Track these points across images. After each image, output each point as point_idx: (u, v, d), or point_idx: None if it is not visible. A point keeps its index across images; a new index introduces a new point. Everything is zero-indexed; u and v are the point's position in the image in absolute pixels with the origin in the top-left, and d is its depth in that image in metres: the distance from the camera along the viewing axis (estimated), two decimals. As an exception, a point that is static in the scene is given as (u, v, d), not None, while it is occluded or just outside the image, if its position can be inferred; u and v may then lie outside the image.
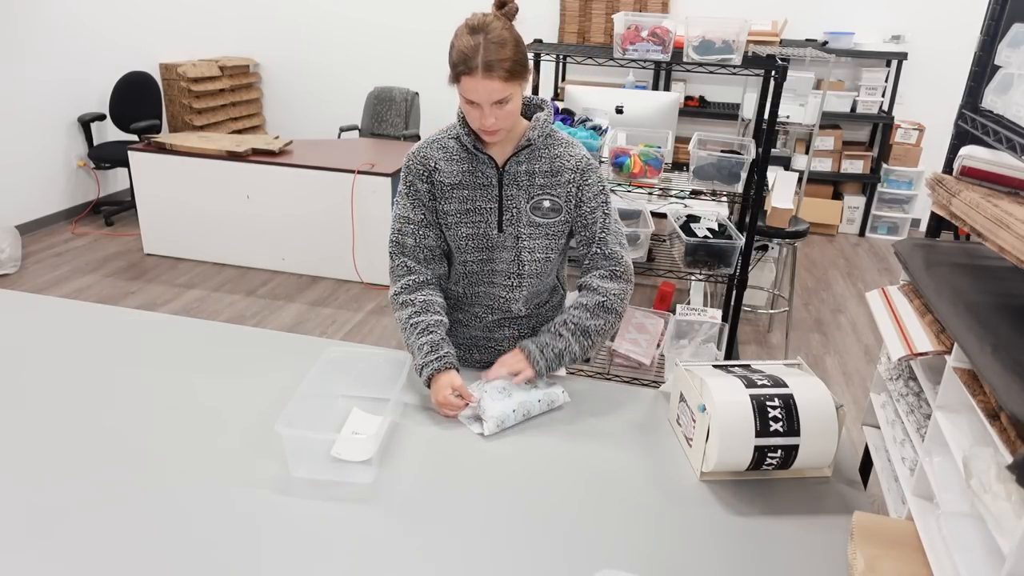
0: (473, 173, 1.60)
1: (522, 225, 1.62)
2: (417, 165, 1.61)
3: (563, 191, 1.61)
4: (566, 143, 1.63)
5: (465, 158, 1.60)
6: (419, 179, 1.62)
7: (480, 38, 1.42)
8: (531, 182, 1.60)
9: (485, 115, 1.47)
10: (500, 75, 1.42)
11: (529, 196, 1.61)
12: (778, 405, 1.32)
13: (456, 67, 1.45)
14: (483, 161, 1.59)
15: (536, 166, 1.60)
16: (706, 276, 2.84)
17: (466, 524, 1.24)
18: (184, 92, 5.77)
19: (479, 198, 1.60)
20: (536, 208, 1.61)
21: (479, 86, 1.43)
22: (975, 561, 1.06)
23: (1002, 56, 1.61)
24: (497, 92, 1.43)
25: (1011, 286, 1.39)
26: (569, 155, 1.62)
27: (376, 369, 1.57)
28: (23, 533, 1.17)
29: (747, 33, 2.56)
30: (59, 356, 1.70)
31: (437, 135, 1.64)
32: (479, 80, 1.42)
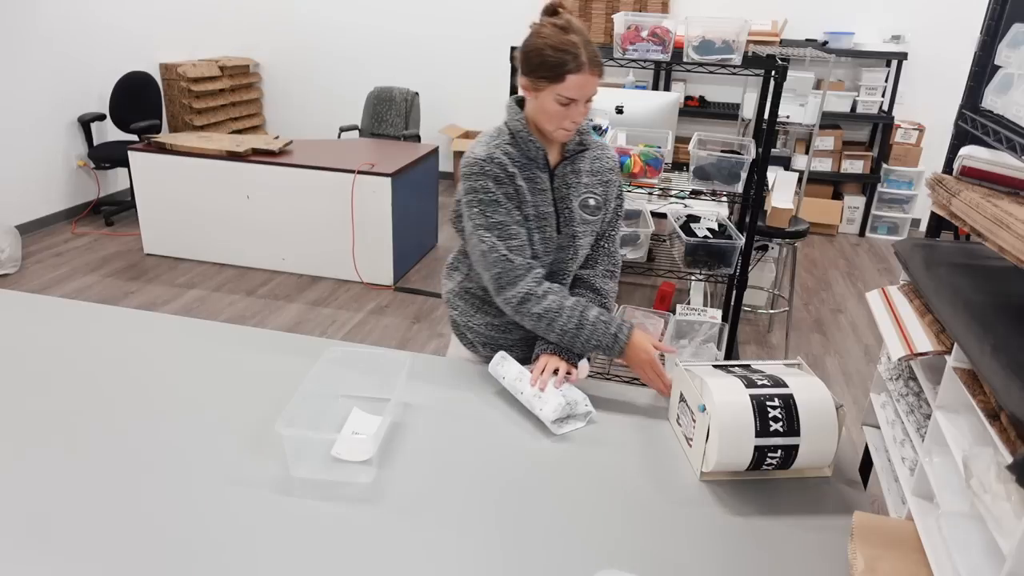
0: (533, 179, 1.61)
1: (576, 224, 1.65)
2: (498, 171, 1.56)
3: (604, 190, 1.68)
4: (601, 144, 1.70)
5: (525, 164, 1.60)
6: (501, 184, 1.57)
7: (576, 37, 1.45)
8: (578, 181, 1.65)
9: (580, 111, 1.50)
10: (599, 70, 1.48)
11: (579, 194, 1.65)
12: (778, 405, 1.32)
13: (561, 66, 1.45)
14: (539, 166, 1.61)
15: (580, 166, 1.65)
16: (706, 276, 2.84)
17: (466, 524, 1.24)
18: (184, 92, 5.78)
19: (541, 203, 1.62)
20: (585, 206, 1.65)
21: (587, 82, 1.46)
22: (975, 561, 1.06)
23: (1002, 56, 1.61)
24: (595, 87, 1.49)
25: (1011, 286, 1.38)
26: (607, 156, 1.70)
27: (376, 369, 1.57)
28: (23, 533, 1.17)
29: (747, 33, 2.55)
30: (59, 356, 1.70)
31: (494, 139, 1.59)
32: (587, 76, 1.46)
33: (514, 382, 1.58)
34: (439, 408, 1.57)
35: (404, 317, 3.96)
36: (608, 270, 1.73)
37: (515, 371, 1.59)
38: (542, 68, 1.47)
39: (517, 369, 1.60)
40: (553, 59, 1.45)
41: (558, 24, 1.47)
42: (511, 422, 1.53)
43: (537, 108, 1.53)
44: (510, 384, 1.59)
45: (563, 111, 1.49)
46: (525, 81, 1.52)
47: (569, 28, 1.46)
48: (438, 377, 1.68)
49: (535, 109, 1.54)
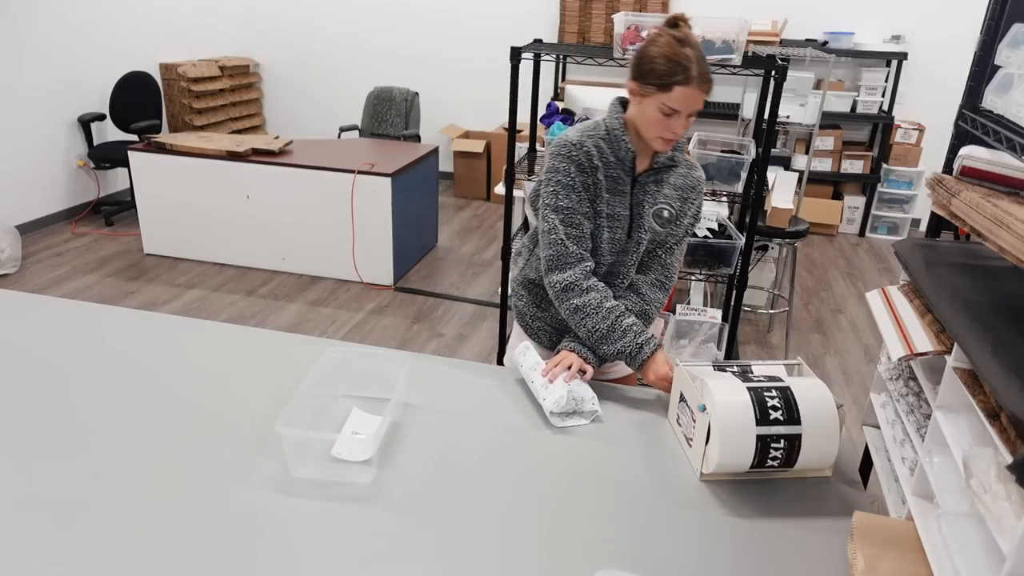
0: (615, 179, 1.62)
1: (643, 231, 1.66)
2: (583, 157, 1.59)
3: (682, 205, 1.68)
4: (691, 163, 1.70)
5: (611, 163, 1.61)
6: (583, 172, 1.60)
7: (691, 51, 1.46)
8: (658, 190, 1.66)
9: (680, 124, 1.51)
10: (709, 86, 1.49)
11: (654, 203, 1.65)
12: (776, 395, 1.33)
13: (671, 76, 1.46)
14: (625, 168, 1.62)
15: (664, 177, 1.66)
16: (706, 276, 2.84)
17: (466, 524, 1.24)
18: (184, 92, 5.78)
19: (617, 204, 1.63)
20: (657, 216, 1.66)
21: (693, 96, 1.48)
22: (975, 561, 1.06)
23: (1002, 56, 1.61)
24: (701, 103, 1.50)
25: (1011, 286, 1.38)
26: (694, 176, 1.69)
27: (376, 369, 1.57)
28: (23, 532, 1.17)
29: (747, 33, 2.55)
30: (59, 356, 1.70)
31: (589, 130, 1.63)
32: (694, 90, 1.47)
33: (528, 371, 1.63)
34: (439, 408, 1.57)
35: (404, 317, 3.96)
36: (659, 280, 1.72)
37: (532, 361, 1.63)
38: (652, 75, 1.48)
39: (534, 360, 1.63)
40: (664, 69, 1.47)
41: (676, 36, 1.48)
42: (511, 422, 1.53)
43: (639, 113, 1.54)
44: (525, 373, 1.64)
45: (664, 121, 1.51)
46: (633, 85, 1.54)
47: (685, 41, 1.47)
48: (438, 377, 1.69)
49: (637, 113, 1.55)
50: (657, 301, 1.72)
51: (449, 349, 3.62)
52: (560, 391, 1.53)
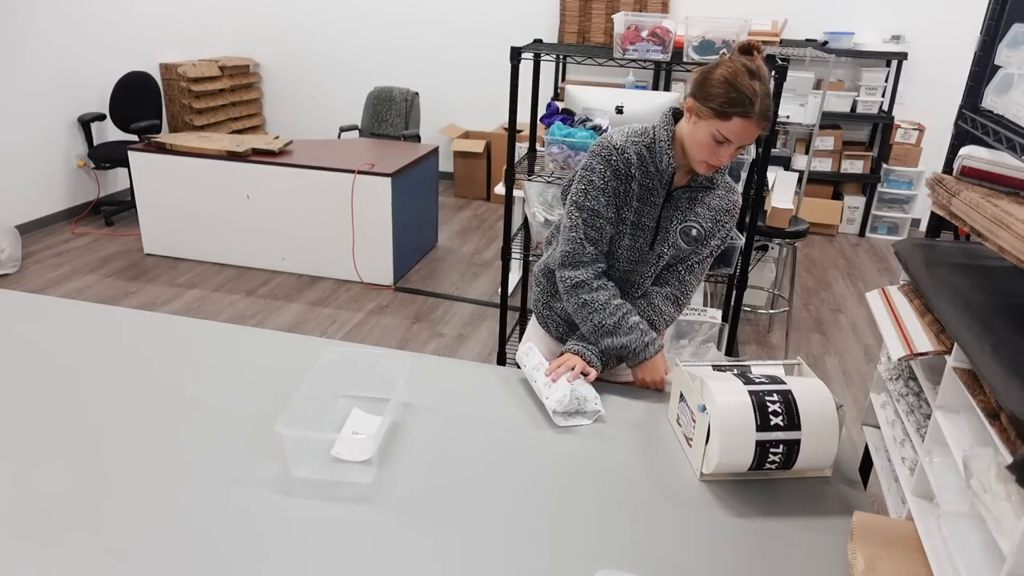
0: (649, 189, 1.61)
1: (667, 245, 1.65)
2: (621, 164, 1.59)
3: (714, 226, 1.65)
4: (731, 187, 1.67)
5: (648, 172, 1.60)
6: (618, 178, 1.60)
7: (759, 85, 1.43)
8: (690, 208, 1.64)
9: (729, 153, 1.49)
10: (766, 125, 1.46)
11: (683, 219, 1.63)
12: (777, 400, 1.33)
13: (732, 106, 1.43)
14: (661, 180, 1.60)
15: (700, 196, 1.64)
16: (706, 276, 2.84)
17: (466, 524, 1.24)
18: (184, 92, 5.78)
19: (644, 214, 1.63)
20: (685, 233, 1.64)
21: (750, 130, 1.45)
22: (975, 561, 1.06)
23: (1002, 56, 1.61)
24: (754, 138, 1.47)
25: (1011, 286, 1.38)
26: (731, 200, 1.66)
27: (376, 369, 1.57)
28: (23, 532, 1.17)
29: (747, 33, 2.55)
30: (59, 356, 1.70)
31: (635, 136, 1.61)
32: (752, 125, 1.44)
33: (532, 371, 1.63)
34: (439, 408, 1.57)
35: (404, 317, 3.96)
36: (674, 295, 1.71)
37: (535, 361, 1.64)
38: (714, 100, 1.44)
39: (538, 360, 1.64)
40: (728, 97, 1.43)
41: (748, 66, 1.44)
42: (511, 422, 1.53)
43: (691, 132, 1.51)
44: (528, 372, 1.65)
45: (713, 147, 1.48)
46: (692, 103, 1.50)
47: (756, 74, 1.44)
48: (438, 377, 1.69)
49: (688, 132, 1.52)
50: (667, 315, 1.71)
51: (449, 349, 3.62)
52: (563, 390, 1.53)
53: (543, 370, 1.61)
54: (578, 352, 1.65)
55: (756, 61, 1.46)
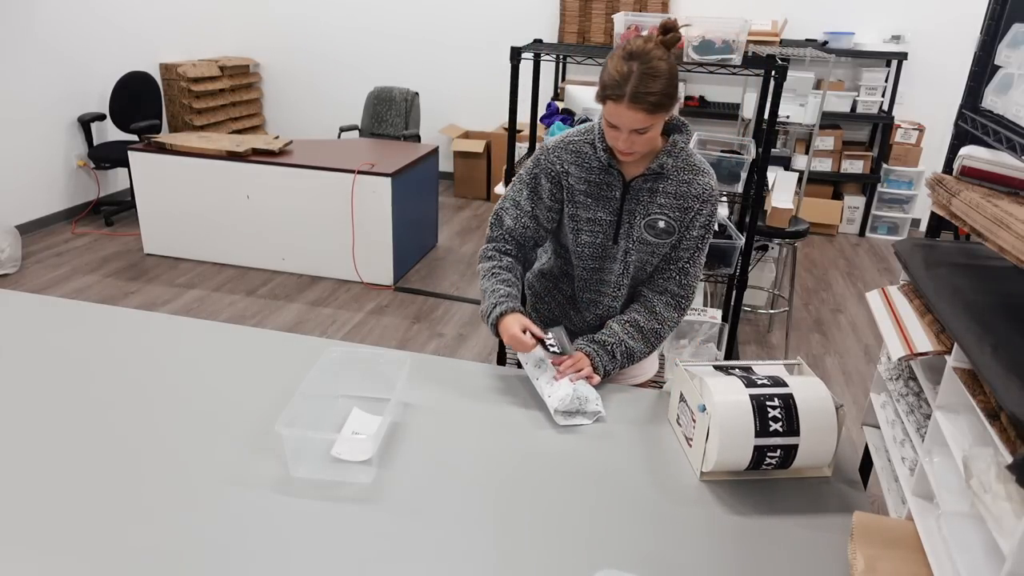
0: (600, 184, 1.61)
1: (632, 240, 1.63)
2: (549, 164, 1.63)
3: (681, 215, 1.61)
4: (698, 170, 1.61)
5: (596, 167, 1.60)
6: (547, 177, 1.64)
7: (634, 66, 1.41)
8: (652, 200, 1.61)
9: (623, 140, 1.48)
10: (645, 107, 1.41)
11: (647, 213, 1.61)
12: (778, 405, 1.32)
13: (604, 90, 1.44)
14: (613, 175, 1.60)
15: (661, 186, 1.60)
16: (706, 276, 2.84)
17: (466, 524, 1.24)
18: (184, 92, 5.78)
19: (601, 209, 1.62)
20: (651, 226, 1.62)
21: (623, 114, 1.43)
22: (975, 561, 1.06)
23: (1002, 56, 1.61)
24: (639, 122, 1.44)
25: (1011, 286, 1.38)
26: (698, 183, 1.60)
27: (376, 369, 1.57)
28: (23, 532, 1.17)
29: (747, 33, 2.55)
30: (59, 356, 1.70)
31: (575, 135, 1.63)
32: (624, 108, 1.42)
33: (533, 369, 1.63)
34: (439, 408, 1.57)
35: (404, 317, 3.96)
36: (675, 299, 1.68)
37: (536, 358, 1.64)
38: (599, 84, 1.46)
39: (539, 356, 1.64)
40: (604, 80, 1.44)
41: (629, 48, 1.43)
42: (511, 422, 1.53)
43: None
44: (529, 371, 1.64)
45: (611, 132, 1.49)
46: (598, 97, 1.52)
47: (635, 55, 1.41)
48: (438, 377, 1.69)
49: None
50: (671, 320, 1.68)
51: (449, 349, 3.62)
52: (565, 389, 1.53)
53: (545, 367, 1.61)
54: (588, 354, 1.63)
55: (652, 42, 1.44)
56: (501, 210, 1.71)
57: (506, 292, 1.64)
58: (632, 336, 1.66)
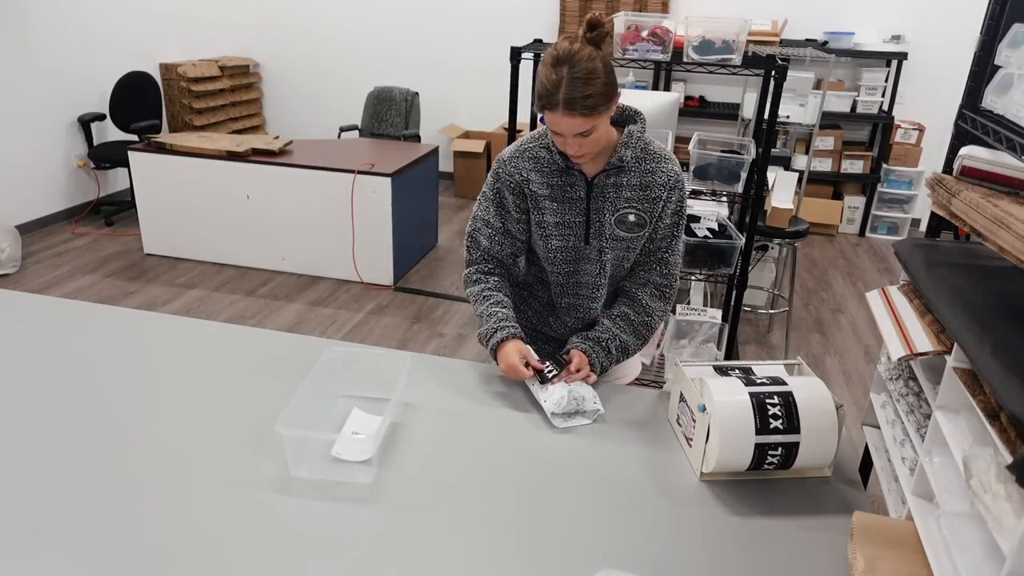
0: (562, 187, 1.59)
1: (605, 238, 1.62)
2: (508, 176, 1.61)
3: (650, 206, 1.60)
4: (659, 157, 1.60)
5: (555, 170, 1.59)
6: (508, 189, 1.62)
7: (564, 71, 1.38)
8: (618, 195, 1.59)
9: (570, 144, 1.47)
10: (581, 111, 1.40)
11: (615, 209, 1.60)
12: (778, 402, 1.32)
13: (539, 99, 1.44)
14: (573, 174, 1.58)
15: (625, 179, 1.59)
16: (706, 276, 2.84)
17: (466, 524, 1.24)
18: (184, 92, 5.78)
19: (568, 211, 1.61)
20: (621, 222, 1.61)
21: (561, 121, 1.42)
22: (975, 561, 1.06)
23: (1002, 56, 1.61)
24: (579, 127, 1.42)
25: (1011, 286, 1.38)
26: (662, 171, 1.59)
27: (376, 369, 1.57)
28: (23, 532, 1.17)
29: (747, 33, 2.55)
30: (59, 356, 1.70)
31: (528, 143, 1.62)
32: (560, 116, 1.41)
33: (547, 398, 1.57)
34: (439, 408, 1.57)
35: (404, 317, 3.96)
36: (659, 290, 1.67)
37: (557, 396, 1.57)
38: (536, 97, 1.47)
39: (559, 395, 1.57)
40: (537, 91, 1.45)
41: (556, 55, 1.40)
42: (511, 422, 1.53)
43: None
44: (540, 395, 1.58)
45: (558, 139, 1.48)
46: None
47: (563, 60, 1.39)
48: (438, 377, 1.69)
49: None
50: (658, 311, 1.68)
51: (449, 349, 3.62)
52: (560, 392, 1.53)
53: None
54: (585, 351, 1.62)
55: (578, 43, 1.41)
56: (474, 231, 1.71)
57: (503, 315, 1.63)
58: (624, 330, 1.66)
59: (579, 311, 1.73)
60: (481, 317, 1.66)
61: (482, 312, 1.66)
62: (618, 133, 1.57)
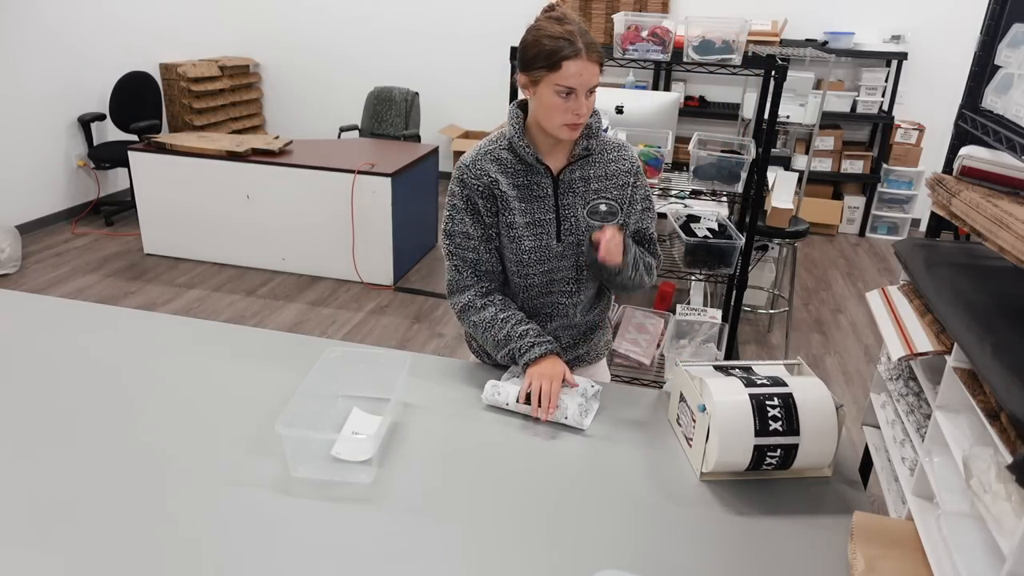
0: (529, 186, 1.58)
1: (581, 232, 1.61)
2: (474, 180, 1.57)
3: (618, 193, 1.62)
4: (618, 146, 1.63)
5: (520, 171, 1.58)
6: (478, 195, 1.58)
7: (571, 25, 1.42)
8: (586, 188, 1.60)
9: (582, 104, 1.45)
10: (598, 58, 1.43)
11: (585, 202, 1.60)
12: (777, 404, 1.32)
13: (555, 54, 1.41)
14: (539, 172, 1.57)
15: (591, 171, 1.60)
16: (706, 276, 2.84)
17: (466, 524, 1.24)
18: (184, 92, 5.78)
19: (537, 210, 1.59)
20: (593, 212, 1.60)
21: (584, 69, 1.42)
22: (975, 561, 1.06)
23: (1002, 56, 1.61)
24: (596, 77, 1.45)
25: (1011, 286, 1.38)
26: (623, 158, 1.62)
27: (376, 369, 1.57)
28: (23, 532, 1.17)
29: (747, 33, 2.55)
30: (59, 356, 1.70)
31: (487, 146, 1.60)
32: (584, 62, 1.41)
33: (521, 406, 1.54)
34: (439, 408, 1.57)
35: (404, 317, 3.96)
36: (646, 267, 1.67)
37: (516, 392, 1.55)
38: (539, 59, 1.43)
39: (517, 390, 1.55)
40: (550, 47, 1.41)
41: (553, 16, 1.44)
42: (510, 422, 1.53)
43: (537, 105, 1.48)
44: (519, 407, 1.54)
45: (564, 104, 1.44)
46: (524, 78, 1.47)
47: (565, 19, 1.43)
48: (438, 377, 1.69)
49: (536, 107, 1.49)
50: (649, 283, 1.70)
51: (449, 349, 3.62)
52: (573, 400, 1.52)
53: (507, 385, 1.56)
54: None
55: (559, 11, 1.45)
56: (456, 248, 1.62)
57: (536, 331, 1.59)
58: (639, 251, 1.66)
59: (552, 308, 1.68)
60: (509, 339, 1.59)
61: (508, 332, 1.59)
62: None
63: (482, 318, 1.62)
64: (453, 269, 1.64)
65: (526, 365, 1.57)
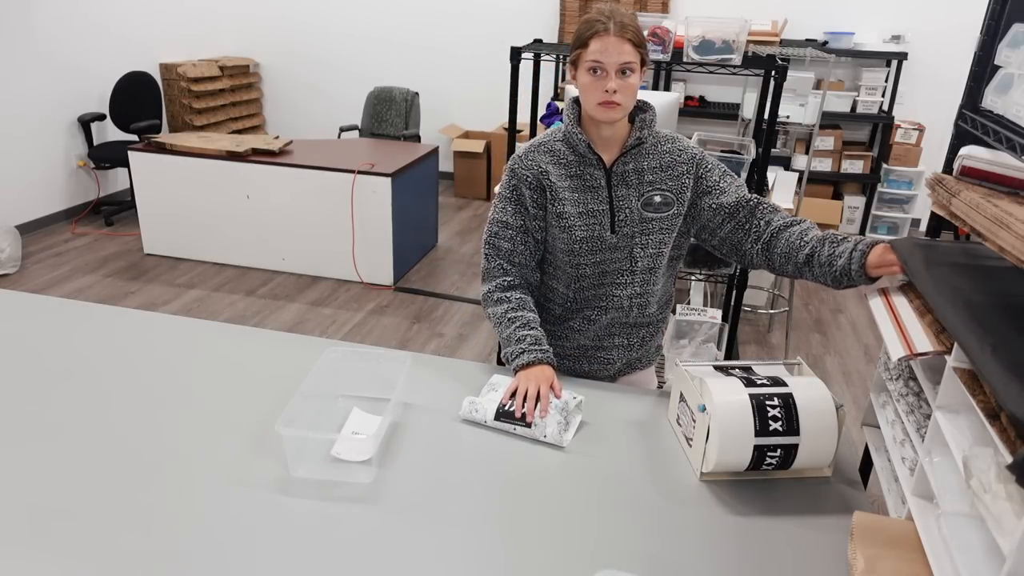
0: (581, 176, 1.60)
1: (635, 223, 1.62)
2: (525, 171, 1.61)
3: (675, 184, 1.62)
4: (672, 138, 1.66)
5: (573, 161, 1.60)
6: (526, 185, 1.61)
7: (606, 7, 1.50)
8: (640, 179, 1.61)
9: (614, 82, 1.48)
10: (631, 37, 1.48)
11: (640, 193, 1.61)
12: (777, 404, 1.32)
13: (584, 33, 1.49)
14: (591, 163, 1.59)
15: (644, 163, 1.61)
16: (706, 276, 2.84)
17: (466, 524, 1.24)
18: (184, 92, 5.78)
19: (590, 201, 1.60)
20: (648, 204, 1.61)
21: (610, 45, 1.46)
22: (975, 561, 1.06)
23: (1002, 56, 1.61)
24: (626, 54, 1.47)
25: (1011, 286, 1.38)
26: (679, 149, 1.64)
27: (376, 369, 1.57)
28: (23, 533, 1.17)
29: (747, 33, 2.55)
30: (59, 356, 1.70)
31: (542, 139, 1.64)
32: (611, 38, 1.46)
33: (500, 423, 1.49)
34: (439, 408, 1.57)
35: (404, 317, 3.96)
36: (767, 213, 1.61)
37: (493, 408, 1.51)
38: (576, 42, 1.51)
39: (495, 406, 1.51)
40: (581, 29, 1.51)
41: (599, 7, 1.53)
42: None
43: (580, 89, 1.53)
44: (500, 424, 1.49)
45: (595, 81, 1.49)
46: (571, 69, 1.55)
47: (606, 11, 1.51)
48: (438, 377, 1.69)
49: (580, 92, 1.55)
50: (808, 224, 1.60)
51: (449, 349, 3.62)
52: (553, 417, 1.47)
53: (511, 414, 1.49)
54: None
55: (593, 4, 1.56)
56: (491, 236, 1.66)
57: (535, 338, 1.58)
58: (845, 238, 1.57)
59: (604, 300, 1.66)
60: (508, 341, 1.60)
61: (510, 335, 1.60)
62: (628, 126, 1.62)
63: (494, 312, 1.65)
64: (485, 257, 1.68)
65: (516, 369, 1.57)
